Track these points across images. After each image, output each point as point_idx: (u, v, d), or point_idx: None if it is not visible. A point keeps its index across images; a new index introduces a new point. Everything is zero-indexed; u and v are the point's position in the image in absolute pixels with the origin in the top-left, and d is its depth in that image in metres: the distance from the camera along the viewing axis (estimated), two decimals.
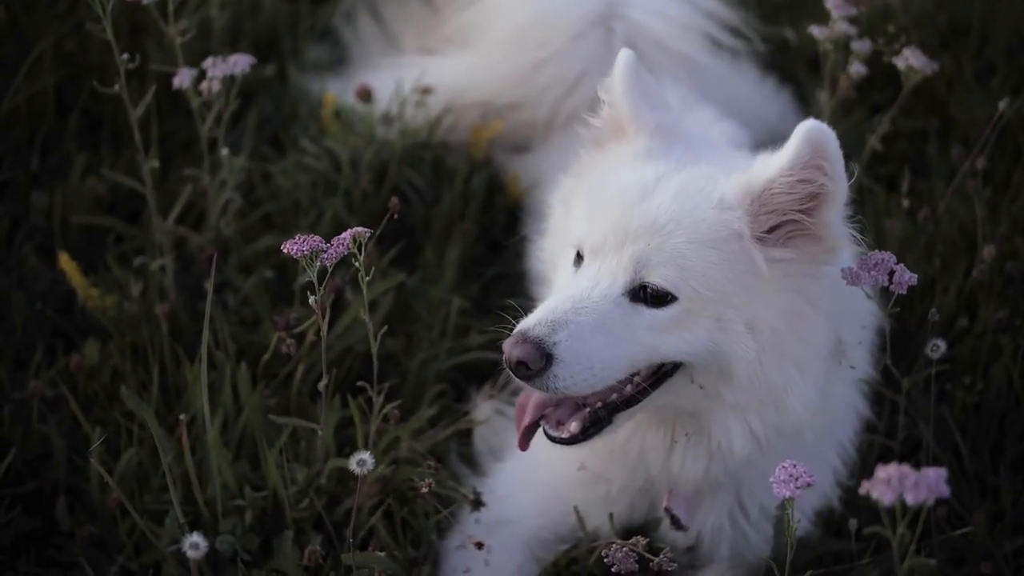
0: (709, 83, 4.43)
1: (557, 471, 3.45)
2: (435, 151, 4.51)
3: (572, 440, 3.13)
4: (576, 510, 3.42)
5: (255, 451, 3.62)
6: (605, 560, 3.16)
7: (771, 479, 2.79)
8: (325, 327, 3.20)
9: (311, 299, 3.13)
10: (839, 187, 2.99)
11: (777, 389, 3.08)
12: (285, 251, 3.04)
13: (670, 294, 3.02)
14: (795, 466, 2.77)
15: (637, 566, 3.13)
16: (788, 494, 2.72)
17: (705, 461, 3.19)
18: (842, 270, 3.15)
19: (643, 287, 3.04)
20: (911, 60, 3.94)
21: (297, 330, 3.60)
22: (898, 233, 4.10)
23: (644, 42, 4.37)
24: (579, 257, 3.18)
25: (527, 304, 4.09)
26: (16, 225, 4.26)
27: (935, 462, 3.48)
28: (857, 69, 4.11)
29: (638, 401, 3.11)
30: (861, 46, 4.10)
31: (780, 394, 3.08)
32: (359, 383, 3.37)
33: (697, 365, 3.07)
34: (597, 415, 3.12)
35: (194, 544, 2.85)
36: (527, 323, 3.01)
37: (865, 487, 2.40)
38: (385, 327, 3.27)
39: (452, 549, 3.44)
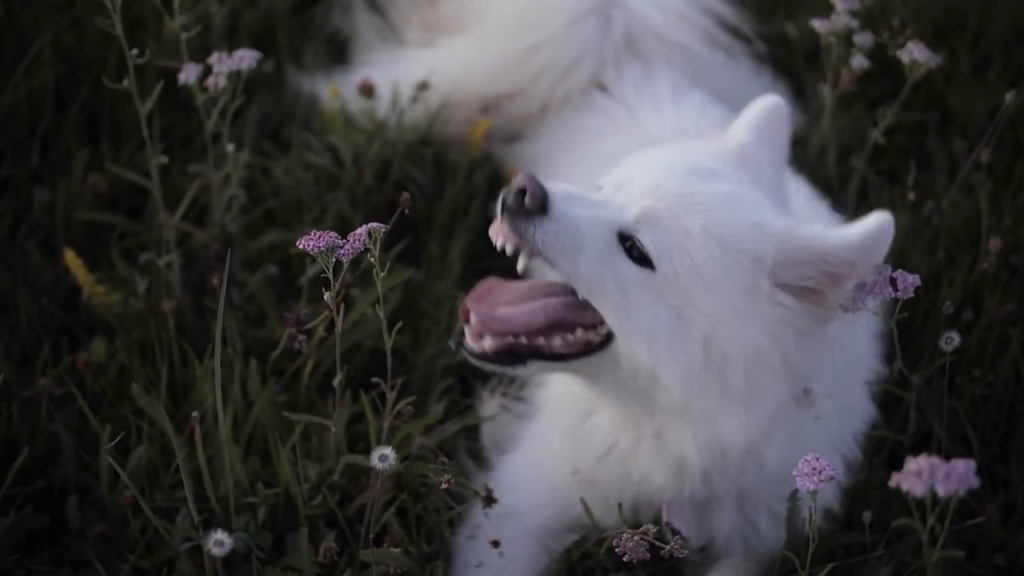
0: (704, 75, 4.44)
1: (556, 468, 3.45)
2: (436, 147, 4.51)
3: (481, 356, 3.11)
4: (583, 501, 3.41)
5: (265, 448, 3.61)
6: (616, 550, 3.13)
7: (794, 472, 2.79)
8: (340, 323, 3.19)
9: (326, 295, 3.12)
10: (861, 275, 2.99)
11: (711, 412, 3.03)
12: (301, 247, 3.03)
13: (650, 260, 2.97)
14: (817, 459, 2.78)
15: (648, 555, 3.11)
16: (812, 487, 2.72)
17: (670, 469, 3.16)
18: (840, 303, 3.03)
19: (632, 240, 2.98)
20: (915, 54, 3.95)
21: (308, 326, 3.59)
22: (902, 227, 4.10)
23: (641, 30, 4.39)
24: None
25: None
26: (18, 221, 4.24)
27: (947, 455, 3.48)
28: (859, 62, 4.12)
29: (560, 360, 3.07)
30: (863, 39, 4.11)
31: (715, 416, 3.03)
32: (373, 379, 3.36)
33: (623, 345, 3.01)
34: (514, 349, 3.09)
35: (218, 541, 2.84)
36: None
37: (896, 479, 2.41)
38: (400, 323, 3.27)
39: (463, 542, 3.44)
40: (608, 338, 3.03)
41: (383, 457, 3.02)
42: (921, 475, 2.35)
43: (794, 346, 2.99)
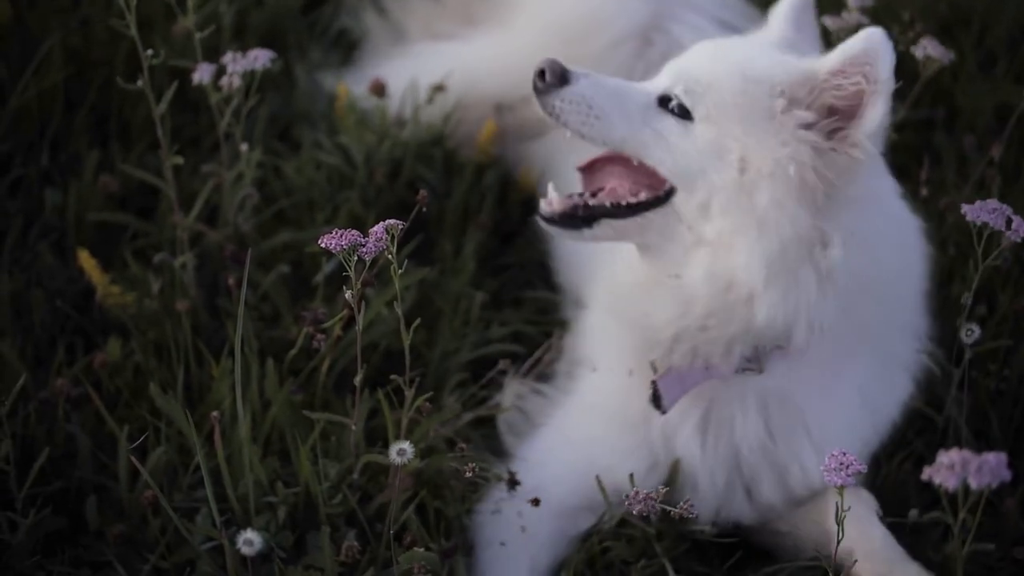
0: None
1: (594, 443, 3.49)
2: (446, 146, 4.51)
3: (549, 219, 3.37)
4: (597, 479, 3.43)
5: (283, 447, 3.61)
6: (626, 504, 3.19)
7: (822, 467, 2.80)
8: (360, 322, 3.19)
9: (347, 294, 3.12)
10: (880, 92, 3.15)
11: (732, 234, 3.20)
12: (323, 245, 3.03)
13: (688, 111, 3.26)
14: (845, 454, 2.78)
15: (659, 509, 3.18)
16: (839, 482, 2.74)
17: (674, 305, 3.29)
18: (963, 206, 3.34)
19: (669, 98, 3.29)
20: (929, 50, 3.96)
21: (326, 325, 3.58)
22: None
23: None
24: None
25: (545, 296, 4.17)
26: (29, 223, 4.24)
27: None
28: None
29: (626, 215, 3.31)
30: None
31: (733, 242, 3.20)
32: (392, 376, 3.36)
33: (683, 192, 3.25)
34: (585, 210, 3.34)
35: (248, 541, 2.85)
36: None
37: (928, 472, 2.42)
38: (418, 320, 3.27)
39: (487, 517, 3.46)
40: (670, 192, 3.27)
41: (401, 451, 3.03)
42: (954, 468, 2.36)
43: (816, 178, 3.18)
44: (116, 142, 4.51)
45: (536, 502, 3.35)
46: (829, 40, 4.16)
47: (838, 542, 2.98)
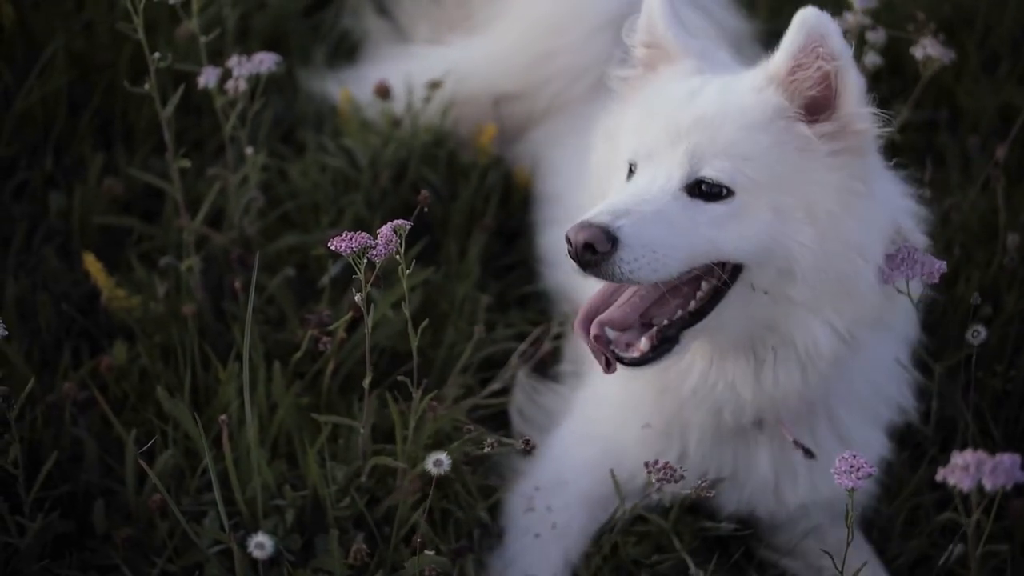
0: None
1: (618, 430, 3.49)
2: (449, 147, 4.51)
3: (643, 360, 3.14)
4: (612, 473, 3.44)
5: (290, 450, 3.61)
6: (647, 471, 3.20)
7: (832, 470, 2.80)
8: (370, 324, 3.19)
9: (356, 296, 3.12)
10: (847, 68, 3.06)
11: (845, 279, 3.11)
12: (333, 248, 3.03)
13: (726, 187, 3.07)
14: (855, 456, 2.79)
15: (681, 476, 3.18)
16: (850, 484, 2.74)
17: (799, 370, 3.20)
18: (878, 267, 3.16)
19: (699, 183, 3.09)
20: (930, 50, 3.96)
21: (331, 327, 3.58)
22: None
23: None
24: (630, 172, 3.24)
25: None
26: (34, 226, 4.23)
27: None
28: (872, 60, 4.12)
29: (705, 314, 3.14)
30: (876, 36, 4.12)
31: (849, 283, 3.11)
32: (400, 378, 3.36)
33: (756, 266, 3.10)
34: (666, 334, 3.15)
35: (260, 544, 2.84)
36: (588, 215, 3.04)
37: (942, 473, 2.42)
38: (426, 321, 3.27)
39: (518, 513, 3.48)
40: (736, 270, 3.13)
41: (438, 463, 3.03)
42: (968, 469, 2.36)
43: (862, 168, 3.12)
44: (120, 145, 4.51)
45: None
46: None
47: (848, 543, 2.97)
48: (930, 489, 3.60)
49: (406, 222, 3.07)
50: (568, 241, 3.01)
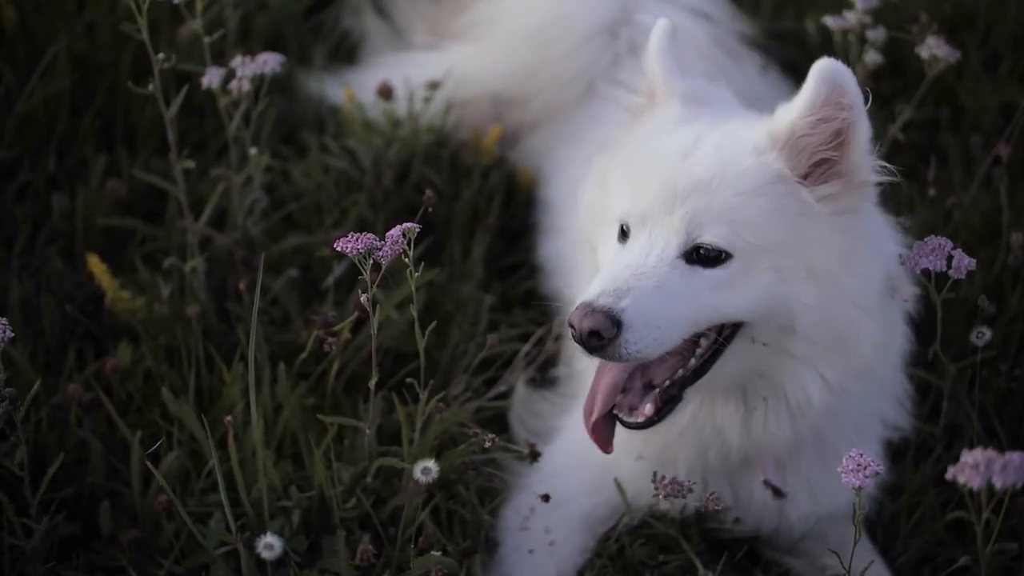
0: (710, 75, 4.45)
1: (613, 459, 3.42)
2: (451, 148, 4.51)
3: (648, 423, 3.13)
4: (616, 481, 3.43)
5: (296, 451, 3.61)
6: (654, 486, 3.19)
7: (839, 469, 2.81)
8: (376, 325, 3.19)
9: (362, 297, 3.12)
10: (861, 120, 3.02)
11: (843, 333, 3.10)
12: (339, 249, 3.03)
13: (724, 252, 3.03)
14: (862, 455, 2.79)
15: (689, 489, 3.19)
16: (857, 483, 2.74)
17: (788, 420, 3.20)
18: (900, 255, 3.21)
19: (697, 248, 3.05)
20: (935, 49, 3.96)
21: (336, 328, 3.58)
22: (921, 222, 4.12)
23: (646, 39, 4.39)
24: (622, 233, 3.18)
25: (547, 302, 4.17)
26: (37, 228, 4.23)
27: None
28: (872, 58, 4.13)
29: (705, 371, 3.12)
30: (876, 35, 4.12)
31: (847, 338, 3.11)
32: (408, 379, 3.36)
33: (758, 323, 3.08)
34: (668, 394, 3.14)
35: (268, 545, 2.84)
36: (589, 295, 3.01)
37: (952, 472, 2.42)
38: (434, 323, 3.27)
39: (513, 529, 3.46)
40: (736, 326, 3.11)
41: (426, 471, 3.03)
42: (978, 468, 2.36)
43: (861, 226, 3.10)
44: (122, 147, 4.51)
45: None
46: (831, 39, 4.18)
47: (856, 542, 2.98)
48: (934, 487, 3.60)
49: (415, 225, 3.07)
50: (572, 327, 2.98)
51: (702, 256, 3.05)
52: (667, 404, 3.14)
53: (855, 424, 3.38)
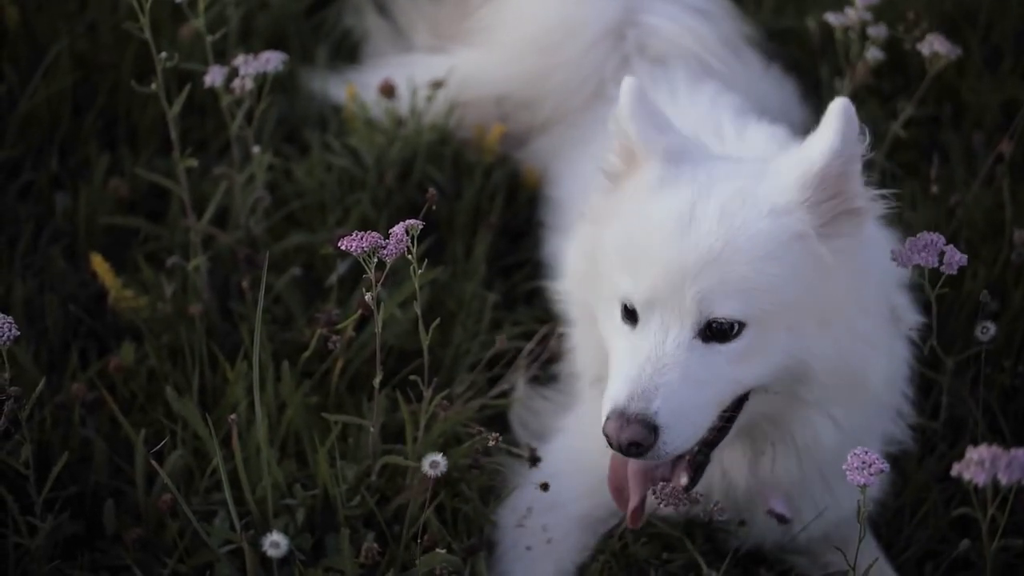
0: (714, 74, 4.45)
1: (604, 459, 3.44)
2: (454, 146, 4.51)
3: (687, 491, 3.13)
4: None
5: (299, 450, 3.61)
6: (653, 496, 3.14)
7: (844, 466, 2.81)
8: (380, 322, 3.19)
9: (366, 295, 3.12)
10: (860, 152, 3.02)
11: (856, 374, 3.09)
12: (343, 247, 3.03)
13: (739, 323, 2.98)
14: (867, 453, 2.79)
15: (687, 503, 3.15)
16: (862, 481, 2.74)
17: (796, 461, 3.22)
18: (892, 251, 3.19)
19: (710, 323, 2.98)
20: (936, 46, 3.96)
21: (340, 326, 3.58)
22: (924, 219, 4.13)
23: (654, 39, 4.40)
24: (626, 311, 3.10)
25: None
26: (40, 227, 4.23)
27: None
28: (874, 54, 4.13)
29: (728, 431, 3.11)
30: (877, 31, 4.12)
31: (859, 376, 3.10)
32: (412, 376, 3.36)
33: (775, 382, 3.07)
34: (697, 460, 3.13)
35: (274, 543, 2.85)
36: (618, 400, 2.96)
37: (957, 468, 2.42)
38: (438, 320, 3.28)
39: (510, 527, 3.46)
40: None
41: (434, 464, 3.02)
42: (983, 464, 2.37)
43: (863, 259, 3.08)
44: (125, 146, 4.51)
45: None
46: (832, 37, 4.18)
47: (860, 539, 2.98)
48: (937, 483, 3.60)
49: (418, 222, 3.07)
50: (608, 437, 2.96)
51: (715, 331, 2.99)
52: (698, 471, 3.14)
53: (857, 444, 3.34)
